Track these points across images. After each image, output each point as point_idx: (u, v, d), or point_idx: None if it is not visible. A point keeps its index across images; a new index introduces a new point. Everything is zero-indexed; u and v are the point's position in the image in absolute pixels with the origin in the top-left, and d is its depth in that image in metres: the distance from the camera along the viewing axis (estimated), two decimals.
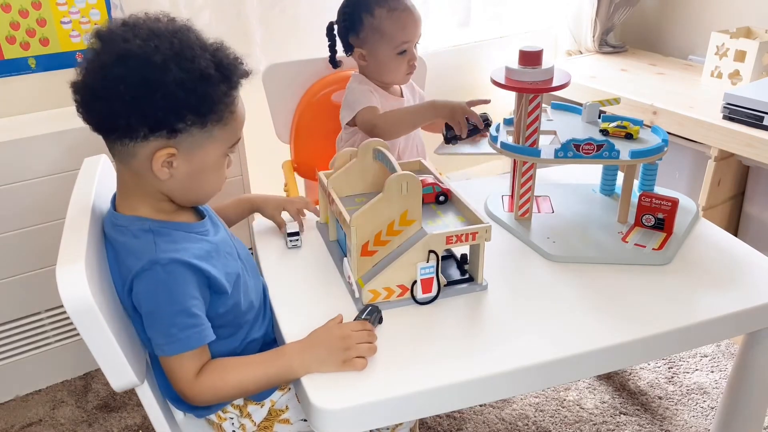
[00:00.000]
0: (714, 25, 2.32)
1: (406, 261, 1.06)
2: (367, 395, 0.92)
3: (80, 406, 1.75)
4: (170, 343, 0.94)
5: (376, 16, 1.51)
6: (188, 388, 0.96)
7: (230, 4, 1.89)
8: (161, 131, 0.91)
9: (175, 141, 0.92)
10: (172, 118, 0.91)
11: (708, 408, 1.71)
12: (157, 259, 0.93)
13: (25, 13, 1.64)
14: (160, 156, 0.92)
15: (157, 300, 0.93)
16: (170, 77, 0.88)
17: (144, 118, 0.90)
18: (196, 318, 0.95)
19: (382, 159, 1.18)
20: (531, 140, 1.28)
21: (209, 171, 0.99)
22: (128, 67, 0.88)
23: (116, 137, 0.92)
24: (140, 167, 0.94)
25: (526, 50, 1.26)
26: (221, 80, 0.93)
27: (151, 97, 0.88)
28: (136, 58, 0.88)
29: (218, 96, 0.93)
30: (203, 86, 0.91)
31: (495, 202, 1.42)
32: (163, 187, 0.97)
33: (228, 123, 0.96)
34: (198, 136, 0.94)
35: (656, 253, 1.23)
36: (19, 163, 1.58)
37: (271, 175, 1.98)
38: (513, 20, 2.59)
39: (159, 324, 0.94)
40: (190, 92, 0.90)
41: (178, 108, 0.90)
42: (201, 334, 0.95)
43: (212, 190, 1.02)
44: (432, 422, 1.67)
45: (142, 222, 0.97)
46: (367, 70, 1.59)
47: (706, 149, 2.03)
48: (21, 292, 1.69)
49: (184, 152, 0.94)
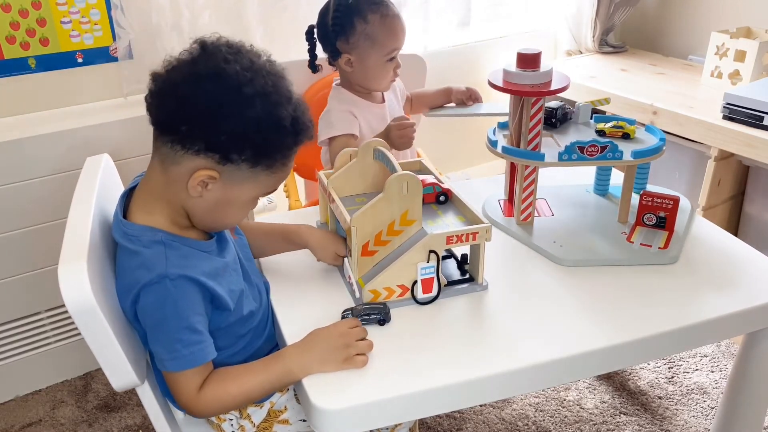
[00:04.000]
0: (714, 25, 2.32)
1: (406, 261, 1.06)
2: (367, 395, 0.92)
3: (80, 406, 1.75)
4: (174, 359, 0.94)
5: (369, 21, 1.49)
6: (192, 403, 0.97)
7: (230, 4, 1.89)
8: (215, 154, 0.92)
9: (221, 168, 0.93)
10: (232, 148, 0.92)
11: (708, 408, 1.71)
12: (166, 274, 0.93)
13: (25, 13, 1.64)
14: (200, 175, 0.92)
15: (163, 314, 0.93)
16: (251, 113, 0.90)
17: (207, 135, 0.91)
18: (200, 335, 0.95)
19: (382, 159, 1.18)
20: (533, 144, 1.28)
21: (237, 206, 0.99)
22: (219, 86, 0.90)
23: (171, 140, 0.92)
24: (177, 177, 0.94)
25: (524, 53, 1.26)
26: (291, 134, 0.95)
27: (225, 122, 0.90)
28: (230, 82, 0.90)
29: (282, 147, 0.95)
30: (274, 133, 0.93)
31: (492, 206, 1.42)
32: (188, 203, 0.97)
33: (276, 172, 0.98)
34: (244, 173, 0.95)
35: (663, 253, 1.23)
36: (19, 163, 1.57)
37: None
38: (513, 20, 2.59)
39: (163, 338, 0.95)
40: (260, 134, 0.92)
41: (243, 143, 0.92)
42: (204, 351, 0.96)
43: (230, 223, 1.04)
44: (432, 422, 1.67)
45: (154, 233, 0.96)
46: (351, 75, 1.57)
47: (706, 149, 2.03)
48: (21, 292, 1.69)
49: (224, 180, 0.94)
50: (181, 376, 0.96)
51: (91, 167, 1.14)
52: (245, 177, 0.95)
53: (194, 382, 0.96)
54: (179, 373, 0.95)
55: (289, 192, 1.79)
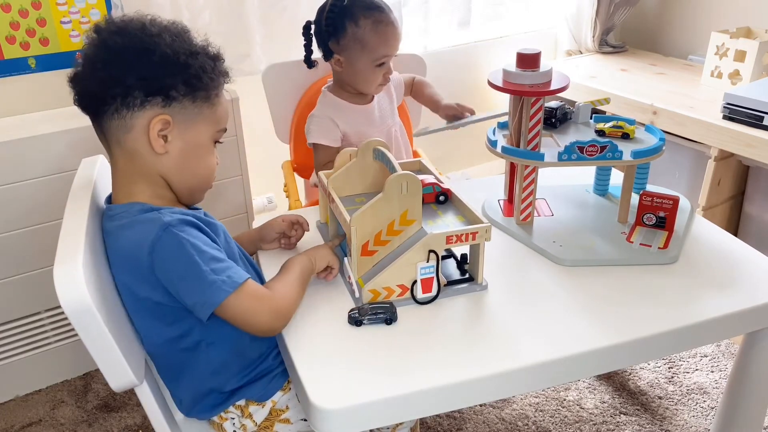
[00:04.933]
0: (714, 25, 2.32)
1: (406, 261, 1.07)
2: (367, 395, 0.92)
3: (80, 406, 1.75)
4: (218, 289, 0.95)
5: (360, 26, 1.49)
6: (275, 303, 1.01)
7: (230, 4, 1.89)
8: (156, 97, 0.97)
9: (169, 110, 0.98)
10: (165, 84, 0.97)
11: (708, 408, 1.71)
12: (168, 223, 0.95)
13: (25, 13, 1.64)
14: (155, 123, 0.97)
15: (185, 256, 0.94)
16: (165, 43, 0.97)
17: (141, 81, 0.96)
18: (226, 261, 0.98)
19: (382, 159, 1.18)
20: (533, 144, 1.28)
21: (201, 152, 1.04)
22: (126, 36, 0.97)
23: (113, 109, 0.97)
24: (136, 142, 0.99)
25: (523, 53, 1.26)
26: (208, 57, 1.02)
27: (148, 61, 0.96)
28: (134, 28, 0.98)
29: (206, 71, 1.01)
30: (192, 57, 0.99)
31: (492, 206, 1.42)
32: (160, 165, 1.01)
33: (215, 104, 1.04)
34: (190, 110, 1.01)
35: (662, 253, 1.23)
36: (19, 163, 1.58)
37: (271, 175, 1.98)
38: (513, 20, 2.59)
39: (197, 278, 0.94)
40: (182, 62, 0.98)
41: (172, 74, 0.98)
42: (239, 273, 0.98)
43: (205, 175, 1.07)
44: (432, 422, 1.67)
45: (141, 204, 1.00)
46: (341, 76, 1.58)
47: (706, 149, 2.03)
48: (21, 292, 1.69)
49: (177, 125, 1.00)
50: (238, 298, 0.96)
51: (87, 168, 1.15)
52: (193, 115, 1.01)
53: (256, 289, 0.99)
54: (233, 299, 0.95)
55: (289, 192, 1.79)
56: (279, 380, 1.12)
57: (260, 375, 1.11)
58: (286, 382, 1.13)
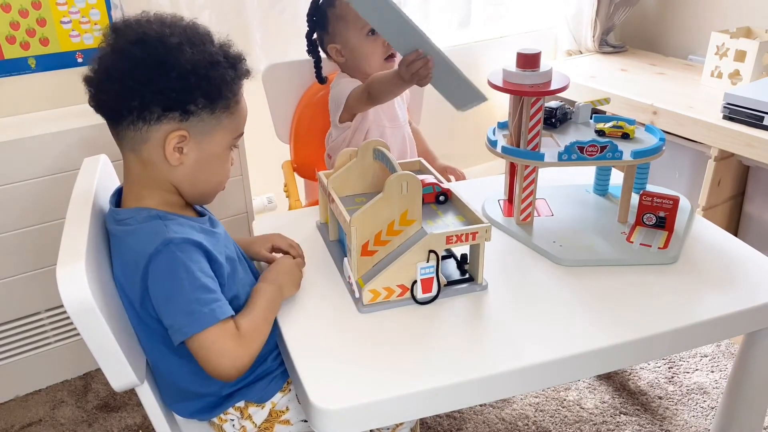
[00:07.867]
0: (714, 25, 2.33)
1: (406, 261, 1.06)
2: (367, 395, 0.92)
3: (80, 406, 1.75)
4: (194, 321, 0.92)
5: (336, 5, 1.55)
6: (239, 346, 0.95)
7: (230, 4, 1.89)
8: (174, 112, 0.95)
9: (186, 124, 0.96)
10: (184, 98, 0.95)
11: (708, 408, 1.71)
12: (170, 239, 0.94)
13: (25, 13, 1.64)
14: (172, 138, 0.96)
15: (176, 279, 0.93)
16: (184, 58, 0.94)
17: (158, 96, 0.94)
18: (215, 293, 0.96)
19: (382, 159, 1.18)
20: (533, 144, 1.28)
21: (216, 161, 1.03)
22: (145, 48, 0.93)
23: (129, 121, 0.95)
24: (152, 154, 0.97)
25: (524, 53, 1.26)
26: (228, 67, 0.99)
27: (167, 76, 0.93)
28: (153, 41, 0.94)
29: (226, 81, 0.98)
30: (213, 69, 0.96)
31: (492, 206, 1.42)
32: (173, 175, 1.00)
33: (234, 112, 1.01)
34: (208, 122, 0.98)
35: (662, 253, 1.23)
36: (19, 163, 1.58)
37: (271, 175, 1.98)
38: (513, 20, 2.59)
39: (180, 302, 0.93)
40: (202, 75, 0.95)
41: (191, 88, 0.95)
42: (222, 308, 0.95)
43: (218, 182, 1.06)
44: (432, 422, 1.67)
45: (148, 211, 0.99)
46: (347, 66, 1.61)
47: (706, 149, 2.03)
48: (21, 292, 1.69)
49: (194, 137, 0.98)
50: (211, 334, 0.92)
51: (89, 167, 1.15)
52: (211, 126, 0.99)
53: (228, 329, 0.94)
54: (207, 333, 0.92)
55: (289, 192, 1.79)
56: (278, 381, 1.12)
57: (259, 377, 1.10)
58: (285, 383, 1.13)
